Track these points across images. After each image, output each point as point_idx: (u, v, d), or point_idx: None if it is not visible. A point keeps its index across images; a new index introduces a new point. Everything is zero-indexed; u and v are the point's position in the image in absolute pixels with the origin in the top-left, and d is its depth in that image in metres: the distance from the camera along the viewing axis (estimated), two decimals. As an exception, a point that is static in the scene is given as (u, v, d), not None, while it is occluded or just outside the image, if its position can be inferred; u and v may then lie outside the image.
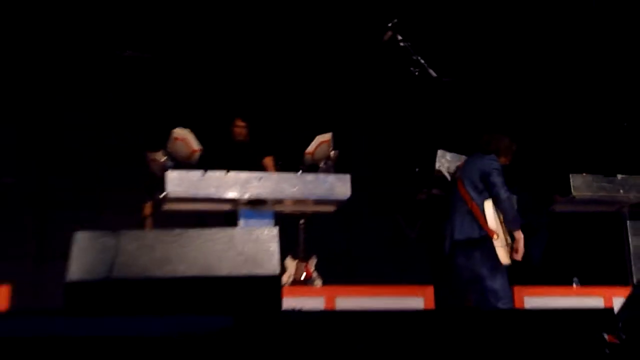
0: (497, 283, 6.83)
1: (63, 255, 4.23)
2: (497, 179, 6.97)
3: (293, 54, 10.09)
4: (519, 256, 6.89)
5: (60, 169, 9.45)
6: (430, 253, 7.34)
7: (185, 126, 7.54)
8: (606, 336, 3.84)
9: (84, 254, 4.14)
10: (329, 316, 4.27)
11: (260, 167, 8.43)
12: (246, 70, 10.12)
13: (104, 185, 9.53)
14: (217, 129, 8.80)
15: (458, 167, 7.26)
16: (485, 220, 6.86)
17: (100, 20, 9.46)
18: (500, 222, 6.94)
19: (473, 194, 7.00)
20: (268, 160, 8.55)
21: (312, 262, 8.56)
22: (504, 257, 6.83)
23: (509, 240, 6.96)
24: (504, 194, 6.93)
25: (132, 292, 4.08)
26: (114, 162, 9.55)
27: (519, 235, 6.90)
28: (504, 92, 10.28)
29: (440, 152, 7.71)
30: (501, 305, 6.77)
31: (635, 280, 7.69)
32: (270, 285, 4.15)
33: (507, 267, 6.92)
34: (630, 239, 8.14)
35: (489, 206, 6.91)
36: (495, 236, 6.85)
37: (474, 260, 6.88)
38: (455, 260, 7.10)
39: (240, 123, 8.65)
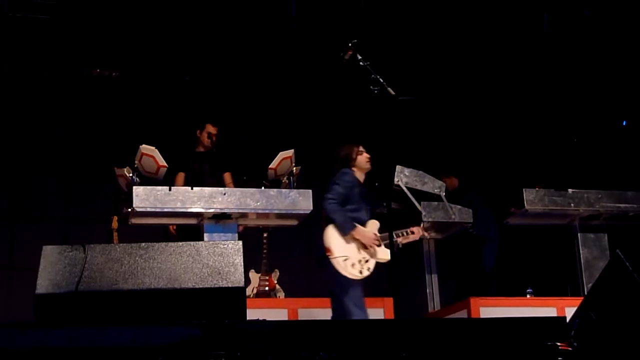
0: (343, 297, 6.66)
1: (31, 267, 4.30)
2: (330, 191, 6.85)
3: (256, 71, 10.16)
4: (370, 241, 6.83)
5: (29, 184, 9.48)
6: (389, 265, 7.41)
7: (152, 143, 7.64)
8: (558, 344, 3.98)
9: (52, 268, 4.22)
10: (293, 325, 4.37)
11: (221, 180, 8.52)
12: (213, 86, 10.19)
13: (72, 200, 9.58)
14: (182, 141, 8.86)
15: None
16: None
17: (68, 40, 9.48)
18: (345, 236, 6.79)
19: None
20: (227, 176, 8.64)
21: (275, 275, 8.67)
22: (345, 271, 6.67)
23: (358, 253, 6.80)
24: (327, 204, 6.79)
25: (100, 304, 4.16)
26: (82, 177, 9.59)
27: (355, 233, 6.78)
28: (461, 109, 10.42)
29: (399, 168, 7.86)
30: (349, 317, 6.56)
31: (586, 291, 7.85)
32: (236, 297, 4.27)
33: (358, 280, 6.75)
34: (581, 251, 8.31)
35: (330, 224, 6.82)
36: (328, 253, 6.73)
37: (326, 277, 6.81)
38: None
39: (211, 129, 8.69)
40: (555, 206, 8.19)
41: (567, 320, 4.39)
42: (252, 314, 4.43)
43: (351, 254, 6.74)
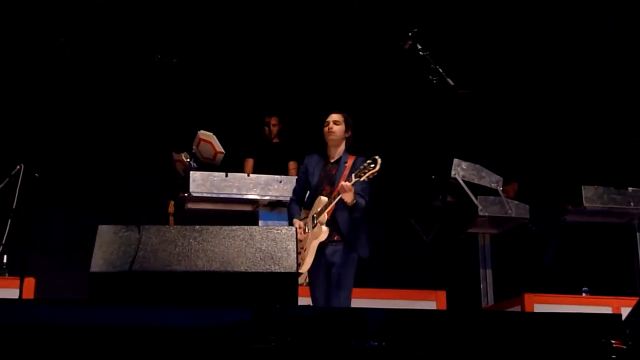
0: None
1: (88, 249, 4.35)
2: None
3: (315, 61, 10.16)
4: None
5: (88, 167, 9.58)
6: (444, 258, 7.40)
7: (215, 128, 7.70)
8: (613, 342, 3.91)
9: (107, 247, 4.28)
10: (343, 313, 4.36)
11: (285, 170, 8.53)
12: (274, 76, 10.21)
13: (130, 184, 9.67)
14: (249, 130, 8.90)
15: None
16: None
17: (131, 27, 9.58)
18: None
19: None
20: (292, 165, 8.64)
21: (328, 265, 8.63)
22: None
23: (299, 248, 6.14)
24: None
25: (153, 285, 4.20)
26: (139, 161, 9.68)
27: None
28: (520, 104, 10.32)
29: (456, 161, 7.81)
30: None
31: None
32: (287, 282, 4.27)
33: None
34: (639, 251, 8.20)
35: None
36: None
37: None
38: None
39: (269, 120, 8.72)
40: (614, 204, 8.08)
41: (623, 318, 4.31)
42: (304, 303, 4.43)
43: None
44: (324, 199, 6.16)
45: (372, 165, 5.90)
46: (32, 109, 9.46)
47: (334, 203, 6.06)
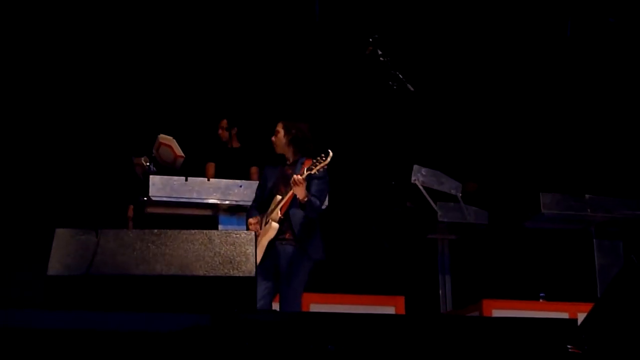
0: None
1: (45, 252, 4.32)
2: None
3: (277, 66, 10.17)
4: None
5: (46, 169, 9.49)
6: (403, 264, 7.41)
7: (170, 133, 7.65)
8: (569, 347, 3.95)
9: (64, 250, 4.25)
10: (302, 317, 4.36)
11: (247, 175, 8.50)
12: (234, 78, 10.20)
13: (89, 187, 9.59)
14: (210, 134, 8.87)
15: None
16: None
17: (92, 28, 9.53)
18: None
19: None
20: (254, 170, 8.61)
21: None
22: None
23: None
24: None
25: (110, 289, 4.18)
26: (99, 164, 9.60)
27: None
28: (480, 110, 10.39)
29: (416, 167, 7.84)
30: None
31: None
32: (246, 287, 4.27)
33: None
34: (596, 257, 8.27)
35: None
36: None
37: None
38: None
39: (223, 124, 8.68)
40: (572, 211, 8.14)
41: (579, 323, 4.36)
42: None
43: None
44: (279, 197, 6.05)
45: (324, 158, 5.80)
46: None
47: (286, 198, 5.96)
